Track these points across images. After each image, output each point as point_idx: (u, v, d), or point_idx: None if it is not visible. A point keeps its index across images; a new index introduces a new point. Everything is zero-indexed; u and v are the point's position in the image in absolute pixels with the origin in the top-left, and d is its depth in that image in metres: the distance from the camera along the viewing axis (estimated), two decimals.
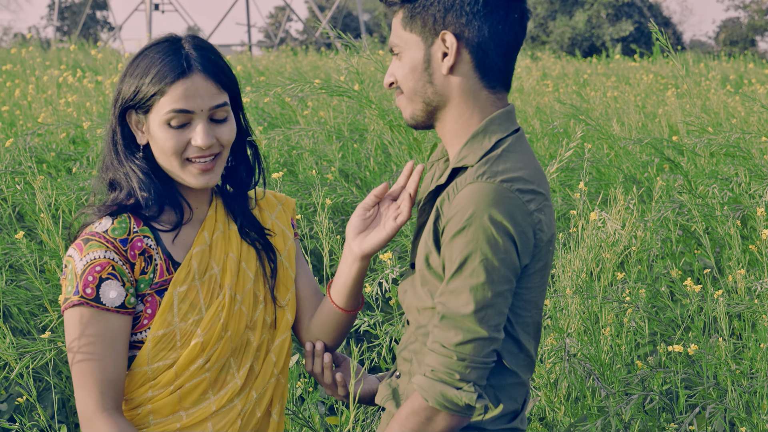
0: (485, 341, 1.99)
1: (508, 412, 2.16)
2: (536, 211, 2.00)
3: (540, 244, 2.03)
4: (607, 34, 38.09)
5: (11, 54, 13.27)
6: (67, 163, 6.28)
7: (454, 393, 2.00)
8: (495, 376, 2.11)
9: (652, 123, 7.86)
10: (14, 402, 4.42)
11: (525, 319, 2.10)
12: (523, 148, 2.09)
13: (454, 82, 2.09)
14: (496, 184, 1.97)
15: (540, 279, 2.09)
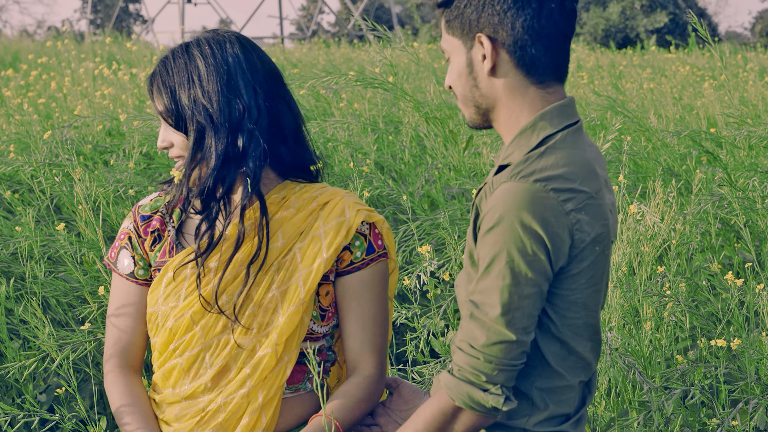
0: (513, 344, 1.96)
1: (556, 415, 2.13)
2: (574, 210, 1.94)
3: (580, 245, 1.97)
4: (641, 26, 37.89)
5: (46, 47, 13.35)
6: (103, 156, 6.30)
7: (481, 395, 1.98)
8: (542, 379, 2.08)
9: (689, 115, 7.80)
10: (53, 393, 4.45)
11: (573, 320, 2.06)
12: (574, 143, 2.03)
13: (498, 83, 2.06)
14: (529, 183, 1.93)
15: (587, 280, 2.03)
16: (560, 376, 2.09)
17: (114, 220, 5.14)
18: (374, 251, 2.37)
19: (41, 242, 4.76)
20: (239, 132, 2.27)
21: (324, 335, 2.39)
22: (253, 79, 2.30)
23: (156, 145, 5.92)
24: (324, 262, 2.30)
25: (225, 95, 2.27)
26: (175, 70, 2.31)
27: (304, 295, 2.30)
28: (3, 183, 5.67)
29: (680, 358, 3.87)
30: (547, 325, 2.05)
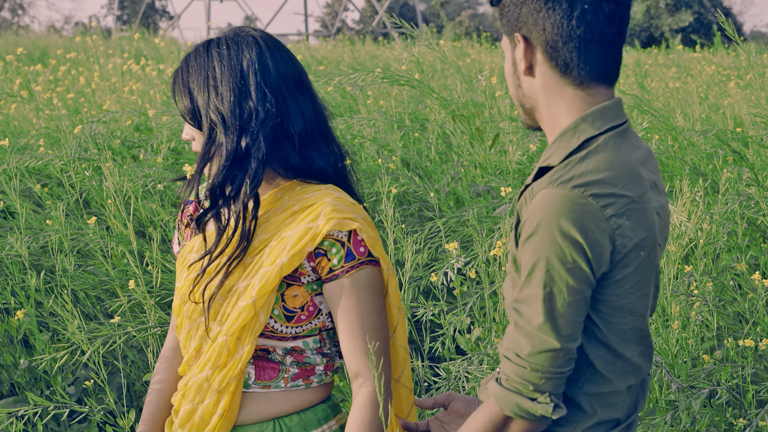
0: (558, 352, 1.94)
1: (605, 420, 2.11)
2: (615, 216, 1.91)
3: (623, 250, 1.94)
4: (666, 25, 37.73)
5: (75, 42, 13.42)
6: (131, 150, 6.34)
7: (530, 404, 1.97)
8: (590, 384, 2.07)
9: (715, 114, 7.78)
10: (82, 385, 4.48)
11: (619, 326, 2.03)
12: (617, 146, 2.00)
13: (536, 83, 2.05)
14: (568, 189, 1.91)
15: (632, 285, 1.99)
16: (608, 381, 2.07)
17: (143, 215, 5.18)
18: (354, 258, 2.32)
19: (71, 236, 4.80)
20: (245, 133, 2.31)
21: (295, 337, 2.38)
22: (264, 81, 2.33)
23: (183, 142, 5.96)
24: (282, 265, 2.30)
25: (237, 96, 2.32)
26: (194, 69, 2.37)
27: (255, 293, 2.31)
28: (33, 177, 5.72)
29: (707, 358, 3.87)
30: (592, 330, 2.03)
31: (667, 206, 2.10)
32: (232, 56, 2.34)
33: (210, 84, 2.33)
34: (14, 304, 4.48)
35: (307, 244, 2.29)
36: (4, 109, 7.63)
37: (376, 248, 2.34)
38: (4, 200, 5.40)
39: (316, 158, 2.40)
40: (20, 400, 4.32)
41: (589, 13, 1.97)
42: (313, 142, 2.40)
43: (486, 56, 12.88)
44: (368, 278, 2.34)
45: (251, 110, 2.31)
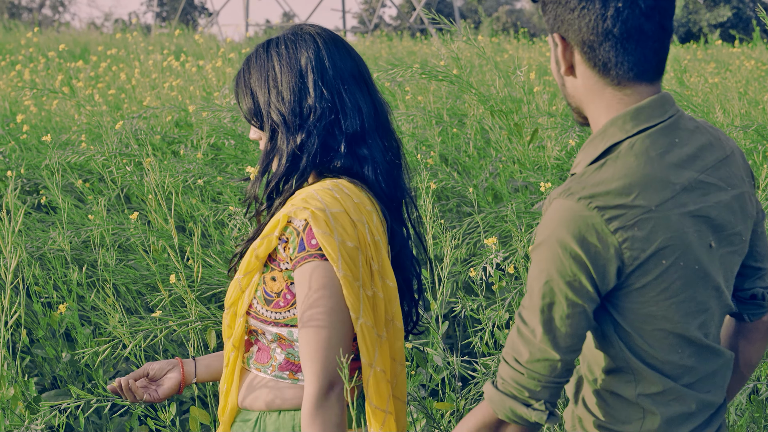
0: (556, 362, 1.94)
1: (673, 416, 2.06)
2: (622, 228, 1.87)
3: (634, 262, 1.90)
4: (704, 20, 37.46)
5: (116, 39, 13.51)
6: (171, 146, 6.38)
7: (524, 410, 1.97)
8: (642, 385, 2.03)
9: (755, 110, 7.72)
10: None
11: (653, 333, 1.98)
12: (645, 149, 1.94)
13: (577, 83, 2.02)
14: (574, 201, 1.89)
15: (658, 293, 1.94)
16: (658, 382, 2.03)
17: (183, 210, 5.21)
18: (304, 250, 2.27)
19: (112, 231, 4.84)
20: (302, 131, 2.34)
21: (276, 323, 2.37)
22: (322, 78, 2.35)
23: (223, 137, 5.99)
24: (255, 248, 2.34)
25: (296, 95, 2.34)
26: (255, 70, 2.39)
27: (242, 268, 2.38)
28: (74, 172, 5.78)
29: None
30: (626, 338, 2.00)
31: (732, 199, 2.03)
32: (291, 56, 2.36)
33: (270, 84, 2.35)
34: (56, 298, 4.52)
35: (274, 230, 2.31)
36: (46, 105, 7.70)
37: (325, 245, 2.23)
38: (46, 195, 5.46)
39: (365, 155, 2.40)
40: (62, 393, 4.37)
41: (625, 10, 1.91)
42: (370, 137, 2.40)
43: (524, 52, 12.85)
44: (317, 273, 2.26)
45: (310, 108, 2.34)
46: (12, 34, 15.16)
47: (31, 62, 10.90)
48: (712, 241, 1.98)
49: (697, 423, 2.08)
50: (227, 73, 8.54)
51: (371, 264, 2.32)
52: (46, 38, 14.43)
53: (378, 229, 2.37)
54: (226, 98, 6.51)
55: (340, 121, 2.36)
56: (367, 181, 2.40)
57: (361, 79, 2.42)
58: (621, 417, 2.07)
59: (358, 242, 2.29)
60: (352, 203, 2.32)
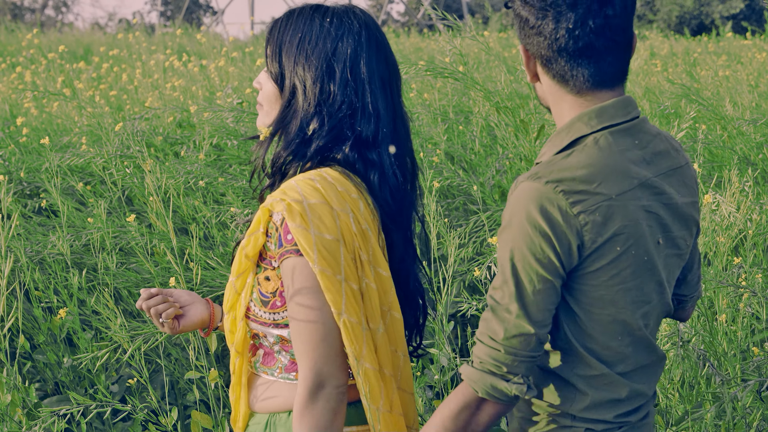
0: (531, 336, 2.05)
1: (603, 401, 2.19)
2: (584, 212, 2.02)
3: (592, 245, 2.04)
4: (716, 12, 37.35)
5: (117, 39, 13.49)
6: (174, 147, 6.34)
7: (504, 385, 2.07)
8: (580, 367, 2.17)
9: (766, 103, 7.65)
10: (125, 384, 4.49)
11: (600, 316, 2.12)
12: (609, 144, 2.09)
13: (542, 89, 2.19)
14: (541, 184, 2.02)
15: (610, 277, 2.09)
16: (596, 366, 2.16)
17: (185, 212, 5.17)
18: (282, 246, 2.22)
19: (113, 233, 4.80)
20: (317, 115, 2.29)
21: (276, 324, 2.32)
22: (351, 71, 2.31)
23: (225, 137, 5.94)
24: (243, 246, 2.30)
25: (323, 72, 2.30)
26: (293, 26, 2.35)
27: (234, 269, 2.34)
28: (75, 175, 5.73)
29: (756, 350, 3.80)
30: (575, 320, 2.13)
31: (680, 205, 2.18)
32: (332, 33, 2.33)
33: (303, 47, 2.32)
34: (57, 302, 4.48)
35: (258, 226, 2.27)
36: (47, 107, 7.67)
37: (300, 239, 2.18)
38: (46, 198, 5.41)
39: (374, 161, 2.34)
40: (64, 399, 4.33)
41: (576, 29, 2.05)
42: (383, 145, 2.35)
43: None
44: (297, 270, 2.22)
45: (329, 93, 2.30)
46: (14, 36, 15.16)
47: (33, 64, 10.88)
48: (660, 238, 2.15)
49: (624, 410, 2.22)
50: (230, 72, 8.49)
51: (359, 254, 2.26)
52: (48, 39, 14.43)
53: (366, 218, 2.29)
54: (229, 98, 6.46)
55: (355, 120, 2.31)
56: (372, 189, 2.34)
57: (389, 87, 2.38)
58: (555, 395, 2.20)
59: (340, 234, 2.22)
60: (335, 192, 2.25)
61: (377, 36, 2.37)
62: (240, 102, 6.27)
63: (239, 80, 8.26)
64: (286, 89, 2.33)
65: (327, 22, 2.33)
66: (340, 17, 2.35)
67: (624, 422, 2.23)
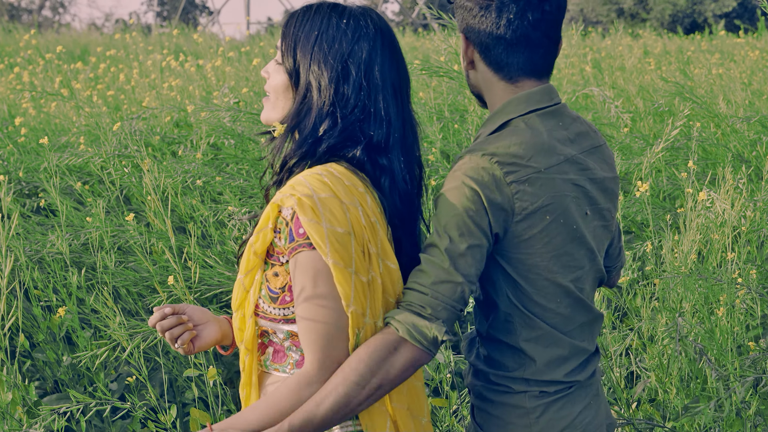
0: (458, 285, 2.19)
1: (551, 360, 2.38)
2: (516, 182, 2.23)
3: (523, 212, 2.24)
4: (709, 10, 37.37)
5: (114, 39, 13.50)
6: (171, 147, 6.36)
7: (425, 323, 2.17)
8: (525, 330, 2.34)
9: (759, 100, 7.68)
10: (124, 382, 4.51)
11: (537, 282, 2.31)
12: (536, 125, 2.32)
13: (476, 75, 2.40)
14: (479, 156, 2.23)
15: (543, 245, 2.29)
16: (540, 325, 2.35)
17: (182, 211, 5.19)
18: (293, 240, 2.22)
19: (111, 233, 4.82)
20: (330, 117, 2.30)
21: (286, 320, 2.32)
22: (365, 76, 2.31)
23: (222, 137, 5.96)
24: (251, 243, 2.30)
25: (338, 73, 2.31)
26: (309, 23, 2.36)
27: (242, 267, 2.34)
28: (73, 174, 5.75)
29: (753, 345, 3.82)
30: (515, 285, 2.31)
31: (603, 180, 2.42)
32: (348, 34, 2.32)
33: (321, 45, 2.33)
34: (56, 301, 4.50)
35: (267, 222, 2.27)
36: (44, 107, 7.68)
37: (313, 233, 2.19)
38: (45, 198, 5.43)
39: (384, 165, 2.33)
40: (63, 397, 4.35)
41: (515, 20, 2.29)
42: (393, 151, 2.35)
43: None
44: (307, 263, 2.23)
45: (344, 95, 2.30)
46: (11, 37, 15.15)
47: (30, 64, 10.88)
48: (587, 209, 2.36)
49: (571, 367, 2.41)
50: (227, 72, 8.51)
51: (368, 247, 2.26)
52: (45, 40, 14.42)
53: (374, 211, 2.29)
54: (226, 97, 6.48)
55: (367, 125, 2.31)
56: (382, 192, 2.33)
57: (399, 94, 2.37)
58: (507, 362, 2.37)
59: (350, 227, 2.22)
60: (343, 186, 2.26)
61: (391, 42, 2.38)
62: (237, 102, 6.30)
63: (236, 80, 8.27)
64: (301, 86, 2.33)
65: (344, 23, 2.33)
66: (357, 19, 2.35)
67: (573, 381, 2.41)
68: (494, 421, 2.42)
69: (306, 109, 2.33)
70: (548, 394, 2.38)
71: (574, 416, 2.42)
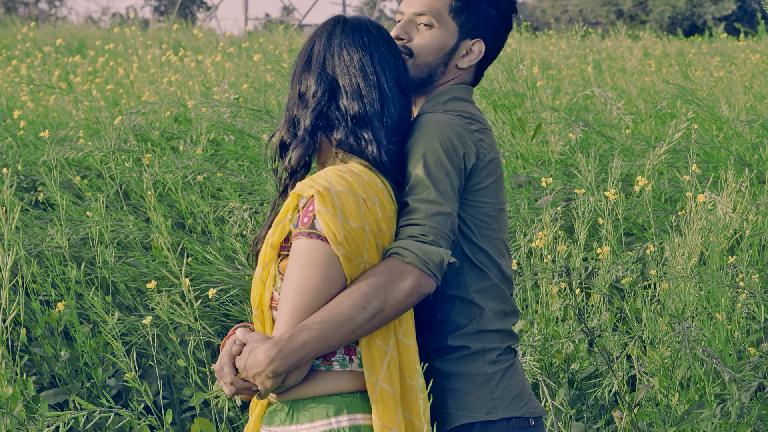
0: (448, 216, 2.33)
1: (497, 312, 2.51)
2: (477, 131, 2.46)
3: (484, 159, 2.45)
4: (708, 13, 37.34)
5: (113, 33, 13.46)
6: (170, 142, 6.33)
7: (433, 248, 2.27)
8: (475, 282, 2.48)
9: (761, 104, 7.66)
10: (122, 377, 4.49)
11: (487, 232, 2.48)
12: (470, 101, 2.61)
13: (458, 74, 2.63)
14: (442, 113, 2.46)
15: (493, 197, 2.49)
16: (488, 277, 2.49)
17: (182, 206, 5.17)
18: (296, 227, 2.31)
19: (111, 227, 4.80)
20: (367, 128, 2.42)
21: None
22: (384, 74, 2.46)
23: (222, 132, 5.93)
24: (269, 236, 2.36)
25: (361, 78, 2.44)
26: (338, 43, 2.47)
27: (259, 261, 2.39)
28: (72, 168, 5.73)
29: (753, 351, 3.81)
30: (468, 235, 2.45)
31: None
32: (366, 45, 2.46)
33: (345, 58, 2.45)
34: (55, 296, 4.48)
35: (287, 213, 2.34)
36: (43, 100, 7.65)
37: (328, 224, 2.26)
38: (44, 192, 5.41)
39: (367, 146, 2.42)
40: (61, 392, 4.33)
41: None
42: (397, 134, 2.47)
43: (527, 46, 12.78)
44: (304, 252, 2.29)
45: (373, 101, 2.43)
46: (8, 29, 15.10)
47: (28, 57, 10.85)
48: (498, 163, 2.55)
49: (512, 322, 2.57)
50: (227, 67, 8.48)
51: (382, 240, 2.35)
52: (43, 33, 14.36)
53: (390, 206, 2.37)
54: (226, 93, 6.45)
55: (384, 112, 2.43)
56: (386, 172, 2.42)
57: (405, 87, 2.52)
58: (460, 315, 2.47)
59: (363, 221, 2.30)
60: (362, 181, 2.33)
61: (388, 39, 2.55)
62: (237, 98, 6.27)
63: (236, 76, 8.25)
64: (323, 82, 2.46)
65: (370, 36, 2.51)
66: (374, 36, 2.50)
67: (514, 341, 2.57)
68: (453, 395, 2.47)
69: (335, 105, 2.47)
70: (502, 359, 2.50)
71: (523, 384, 2.54)
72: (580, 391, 3.99)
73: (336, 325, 2.24)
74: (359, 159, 2.39)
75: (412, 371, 2.38)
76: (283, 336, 2.26)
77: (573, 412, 3.91)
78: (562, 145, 5.80)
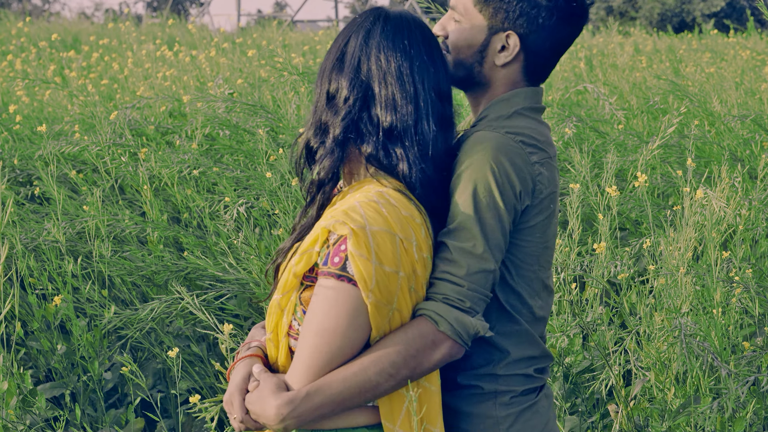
0: (491, 273, 2.13)
1: (521, 358, 2.31)
2: (537, 163, 2.19)
3: (539, 195, 2.21)
4: (697, 10, 37.41)
5: (108, 29, 13.45)
6: (165, 136, 6.34)
7: (469, 320, 2.10)
8: (501, 324, 2.26)
9: (752, 100, 7.70)
10: (118, 371, 4.50)
11: (526, 272, 2.26)
12: (537, 118, 2.32)
13: (501, 72, 2.33)
14: (501, 134, 2.18)
15: (541, 234, 2.25)
16: (517, 320, 2.28)
17: (178, 200, 5.18)
18: (326, 264, 2.13)
19: (107, 222, 4.81)
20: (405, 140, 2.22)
21: None
22: (423, 85, 2.23)
23: (217, 127, 5.94)
24: (293, 264, 2.20)
25: (399, 85, 2.22)
26: (376, 44, 2.26)
27: (280, 286, 2.25)
28: (68, 163, 5.73)
29: (747, 345, 3.83)
30: (504, 275, 2.23)
31: None
32: (407, 50, 2.25)
33: (383, 62, 2.23)
34: (51, 290, 4.49)
35: (314, 244, 2.17)
36: (38, 95, 7.65)
37: (360, 270, 2.09)
38: (40, 186, 5.42)
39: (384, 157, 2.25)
40: (57, 386, 4.34)
41: (572, 38, 2.39)
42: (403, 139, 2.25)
43: None
44: (333, 293, 2.13)
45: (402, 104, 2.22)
46: (2, 24, 15.08)
47: (23, 52, 10.84)
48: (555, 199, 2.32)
49: (540, 366, 2.36)
50: (221, 63, 8.49)
51: (417, 286, 2.17)
52: (37, 28, 14.35)
53: (426, 244, 2.19)
54: (220, 88, 6.46)
55: (418, 129, 2.22)
56: (417, 193, 2.23)
57: (445, 97, 2.31)
58: (475, 361, 2.28)
59: (399, 265, 2.12)
60: (399, 217, 2.15)
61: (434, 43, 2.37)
62: (231, 92, 6.29)
63: (230, 71, 8.26)
64: (357, 87, 2.26)
65: (408, 42, 2.29)
66: (417, 40, 2.31)
67: (541, 383, 2.38)
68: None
69: (369, 113, 2.28)
70: (517, 401, 2.31)
71: (543, 426, 2.36)
72: (575, 385, 4.01)
73: (359, 391, 2.11)
74: (391, 178, 2.21)
75: (433, 419, 2.25)
76: (298, 394, 2.13)
77: (567, 406, 3.92)
78: (555, 140, 5.82)
